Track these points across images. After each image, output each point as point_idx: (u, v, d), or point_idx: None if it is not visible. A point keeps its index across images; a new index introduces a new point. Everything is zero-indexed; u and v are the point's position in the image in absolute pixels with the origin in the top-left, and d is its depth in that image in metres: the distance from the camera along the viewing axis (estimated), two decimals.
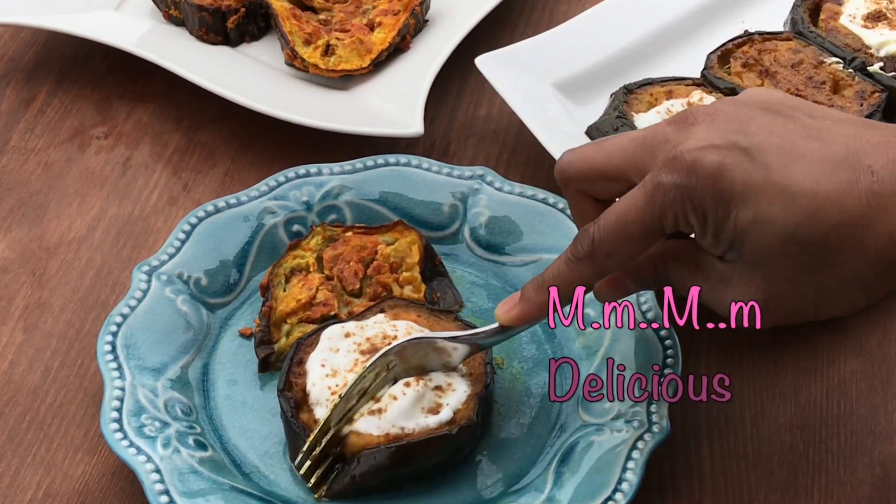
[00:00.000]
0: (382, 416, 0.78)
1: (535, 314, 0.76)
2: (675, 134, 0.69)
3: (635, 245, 0.71)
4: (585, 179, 0.75)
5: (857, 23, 1.09)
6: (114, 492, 0.82)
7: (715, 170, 0.67)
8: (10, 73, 1.13)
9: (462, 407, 0.80)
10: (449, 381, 0.81)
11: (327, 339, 0.83)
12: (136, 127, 1.08)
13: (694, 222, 0.69)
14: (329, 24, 1.09)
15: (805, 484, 0.83)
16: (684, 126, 0.70)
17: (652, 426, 0.79)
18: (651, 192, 0.69)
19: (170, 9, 1.12)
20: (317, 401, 0.80)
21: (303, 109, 1.02)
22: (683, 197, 0.68)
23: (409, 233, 0.91)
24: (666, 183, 0.68)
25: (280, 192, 0.94)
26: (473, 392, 0.81)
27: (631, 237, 0.70)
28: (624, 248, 0.71)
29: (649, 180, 0.69)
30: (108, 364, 0.82)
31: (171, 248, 0.90)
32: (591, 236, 0.71)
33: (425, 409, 0.79)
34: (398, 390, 0.79)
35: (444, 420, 0.79)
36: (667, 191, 0.68)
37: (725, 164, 0.67)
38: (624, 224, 0.70)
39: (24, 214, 1.00)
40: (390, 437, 0.78)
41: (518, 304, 0.76)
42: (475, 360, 0.83)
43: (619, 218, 0.70)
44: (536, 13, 1.19)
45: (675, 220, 0.69)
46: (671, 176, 0.68)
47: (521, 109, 0.99)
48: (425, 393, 0.80)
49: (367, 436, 0.78)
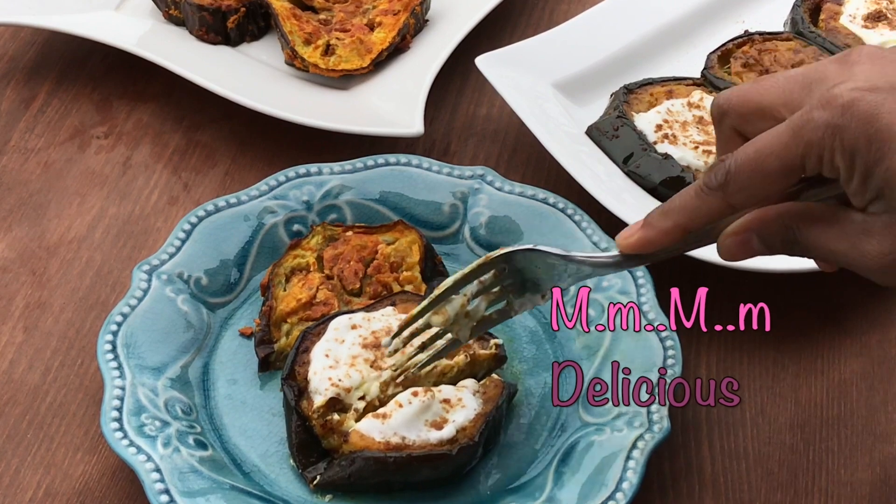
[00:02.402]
0: (386, 422, 0.78)
1: (658, 241, 0.72)
2: (836, 72, 0.67)
3: (772, 182, 0.67)
4: (740, 115, 0.71)
5: (857, 23, 1.09)
6: (114, 491, 0.82)
7: (872, 111, 0.64)
8: (10, 73, 1.13)
9: (468, 425, 0.79)
10: (460, 395, 0.81)
11: (334, 330, 0.83)
12: (136, 127, 1.08)
13: (840, 164, 0.65)
14: (329, 23, 1.09)
15: (805, 484, 0.83)
16: (846, 65, 0.67)
17: (652, 426, 0.79)
18: (799, 128, 0.66)
19: (170, 8, 1.12)
20: (316, 390, 0.80)
21: (303, 109, 1.02)
22: (834, 135, 0.64)
23: (409, 232, 0.91)
24: (817, 119, 0.65)
25: (280, 192, 0.94)
26: (483, 411, 0.80)
27: (769, 172, 0.67)
28: (760, 183, 0.67)
29: (798, 116, 0.66)
30: (109, 363, 0.82)
31: (171, 248, 0.90)
32: (727, 167, 0.68)
33: (429, 422, 0.79)
34: (405, 398, 0.79)
35: (445, 437, 0.78)
36: (816, 127, 0.65)
37: (884, 106, 0.63)
38: (764, 157, 0.67)
39: (24, 214, 1.00)
40: (390, 446, 0.78)
41: (640, 229, 0.72)
42: (492, 382, 0.82)
43: (760, 150, 0.67)
44: (536, 13, 1.19)
45: (819, 159, 0.66)
46: (824, 113, 0.65)
47: (521, 109, 0.99)
48: (431, 404, 0.79)
49: (368, 438, 0.78)
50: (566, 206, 0.93)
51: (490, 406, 0.81)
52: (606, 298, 0.87)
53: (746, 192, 0.68)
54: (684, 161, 0.96)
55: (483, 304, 0.76)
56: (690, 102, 1.00)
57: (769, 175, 0.67)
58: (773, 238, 0.70)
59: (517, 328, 0.89)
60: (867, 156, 0.64)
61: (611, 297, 0.87)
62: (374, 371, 0.81)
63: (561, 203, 0.93)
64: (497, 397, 0.81)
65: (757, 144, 0.67)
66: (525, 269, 0.76)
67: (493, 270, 0.76)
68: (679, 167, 0.95)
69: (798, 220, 0.69)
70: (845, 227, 0.67)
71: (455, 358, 0.84)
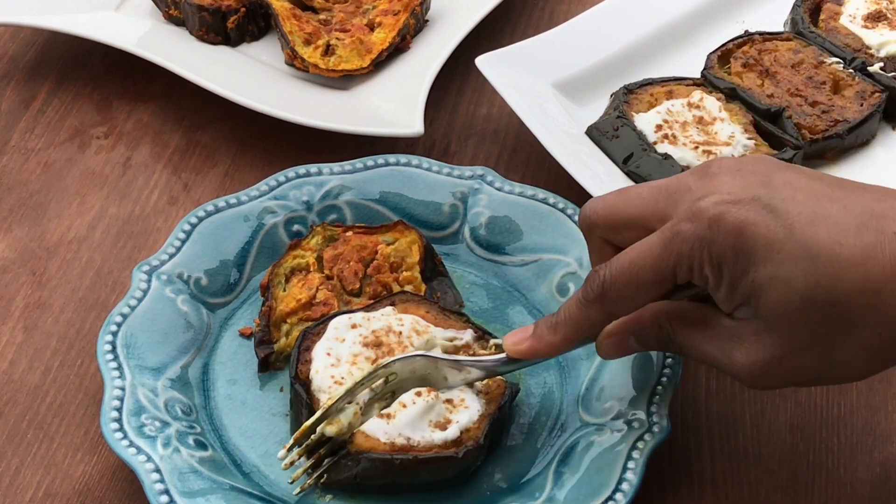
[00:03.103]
0: (391, 423, 0.78)
1: (544, 352, 0.76)
2: (698, 184, 0.69)
3: (646, 291, 0.71)
4: (608, 226, 0.74)
5: (857, 23, 1.09)
6: (114, 492, 0.82)
7: (737, 225, 0.66)
8: (10, 73, 1.13)
9: (472, 426, 0.79)
10: (462, 396, 0.81)
11: (334, 329, 0.83)
12: (136, 127, 1.08)
13: (709, 274, 0.68)
14: (329, 24, 1.09)
15: (805, 484, 0.83)
16: (707, 177, 0.69)
17: (652, 426, 0.79)
18: (669, 241, 0.68)
19: (170, 9, 1.12)
20: (319, 388, 0.80)
21: (303, 109, 1.02)
22: (702, 248, 0.67)
23: (409, 232, 0.91)
24: (685, 232, 0.68)
25: (280, 192, 0.94)
26: (486, 412, 0.80)
27: (642, 282, 0.70)
28: (634, 292, 0.71)
29: (668, 228, 0.69)
30: (108, 364, 0.82)
31: (171, 248, 0.90)
32: (602, 278, 0.71)
33: (433, 423, 0.79)
34: (408, 398, 0.79)
35: (449, 438, 0.78)
36: (685, 240, 0.68)
37: (748, 219, 0.66)
38: (637, 269, 0.70)
39: (24, 214, 1.00)
40: (395, 447, 0.78)
41: (529, 339, 0.76)
42: (494, 382, 0.82)
43: (633, 262, 0.70)
44: (536, 13, 1.20)
45: (689, 270, 0.68)
46: (692, 226, 0.67)
47: (521, 109, 0.99)
48: (435, 405, 0.79)
49: (373, 439, 0.78)
50: (566, 206, 0.93)
51: (493, 407, 0.81)
52: None
53: (622, 301, 0.71)
54: (684, 161, 0.96)
55: (376, 407, 0.79)
56: (690, 103, 1.00)
57: (643, 285, 0.70)
58: (649, 338, 0.74)
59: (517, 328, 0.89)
60: (734, 266, 0.67)
61: None
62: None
63: (561, 203, 0.93)
64: (500, 398, 0.81)
65: (630, 255, 0.70)
66: (415, 372, 0.80)
67: (385, 378, 0.79)
68: (679, 167, 0.95)
69: (671, 320, 0.73)
70: (716, 332, 0.70)
71: None
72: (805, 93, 1.03)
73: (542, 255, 0.92)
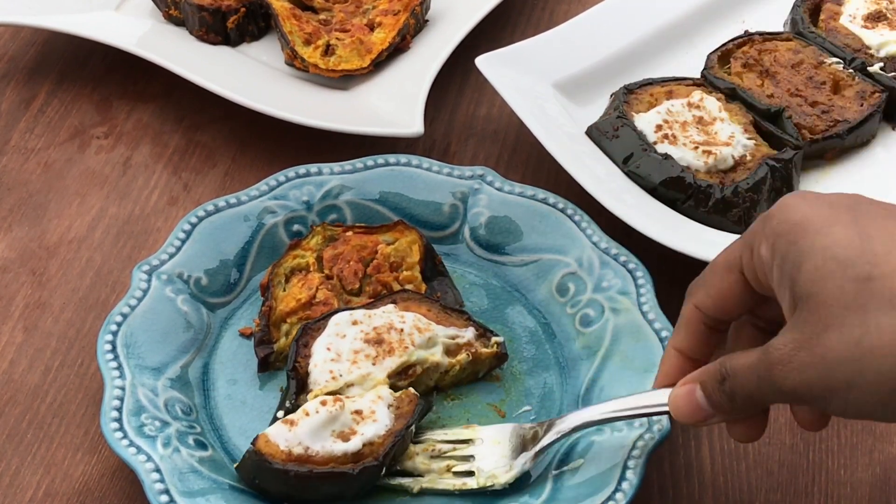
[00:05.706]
0: (292, 430, 0.77)
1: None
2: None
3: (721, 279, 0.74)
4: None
5: (857, 23, 1.09)
6: (114, 491, 0.82)
7: (795, 204, 0.68)
8: (10, 73, 1.13)
9: (376, 441, 0.78)
10: (373, 408, 0.79)
11: (335, 325, 0.83)
12: (136, 127, 1.08)
13: (765, 252, 0.69)
14: (329, 24, 1.09)
15: (805, 484, 0.83)
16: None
17: (652, 426, 0.79)
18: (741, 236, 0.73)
19: (170, 9, 1.12)
20: (316, 381, 0.80)
21: (303, 109, 1.02)
22: (763, 223, 0.69)
23: (409, 232, 0.91)
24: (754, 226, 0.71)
25: (280, 192, 0.94)
26: (393, 429, 0.79)
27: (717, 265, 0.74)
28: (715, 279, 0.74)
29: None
30: (108, 363, 0.82)
31: (171, 248, 0.90)
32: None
33: (335, 433, 0.78)
34: (312, 407, 0.78)
35: (350, 450, 0.77)
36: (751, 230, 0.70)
37: (807, 200, 0.69)
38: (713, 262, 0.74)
39: (24, 214, 1.00)
40: (292, 456, 0.76)
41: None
42: (407, 396, 0.81)
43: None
44: (536, 13, 1.20)
45: (750, 252, 0.70)
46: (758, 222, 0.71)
47: (521, 109, 0.98)
48: (340, 415, 0.78)
49: (273, 445, 0.77)
50: (566, 206, 0.93)
51: (401, 424, 0.79)
52: (606, 299, 0.87)
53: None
54: (684, 161, 0.96)
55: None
56: (690, 103, 1.00)
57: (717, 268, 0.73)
58: (712, 382, 0.72)
59: (517, 328, 0.89)
60: (787, 237, 0.68)
61: (611, 297, 0.87)
62: (376, 367, 0.81)
63: (561, 203, 0.93)
64: (410, 414, 0.80)
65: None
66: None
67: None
68: (679, 167, 0.95)
69: (728, 359, 0.71)
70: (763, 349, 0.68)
71: (457, 356, 0.84)
72: (805, 93, 1.03)
73: (542, 256, 0.92)
